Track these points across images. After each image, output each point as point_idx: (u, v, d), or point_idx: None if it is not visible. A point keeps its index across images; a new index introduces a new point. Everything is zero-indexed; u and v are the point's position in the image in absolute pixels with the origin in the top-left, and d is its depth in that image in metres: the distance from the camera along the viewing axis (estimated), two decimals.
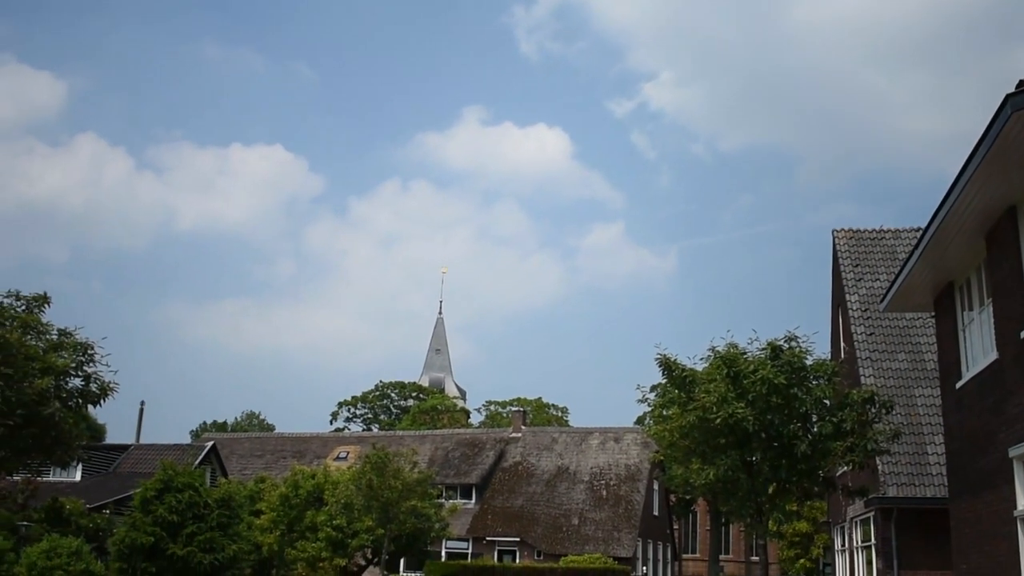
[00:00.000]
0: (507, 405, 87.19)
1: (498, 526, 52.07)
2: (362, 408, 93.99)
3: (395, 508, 27.81)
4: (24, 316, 14.16)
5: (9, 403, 13.02)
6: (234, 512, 29.14)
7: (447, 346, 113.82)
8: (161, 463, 29.67)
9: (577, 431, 60.00)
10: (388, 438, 55.50)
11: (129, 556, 27.45)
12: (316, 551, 30.06)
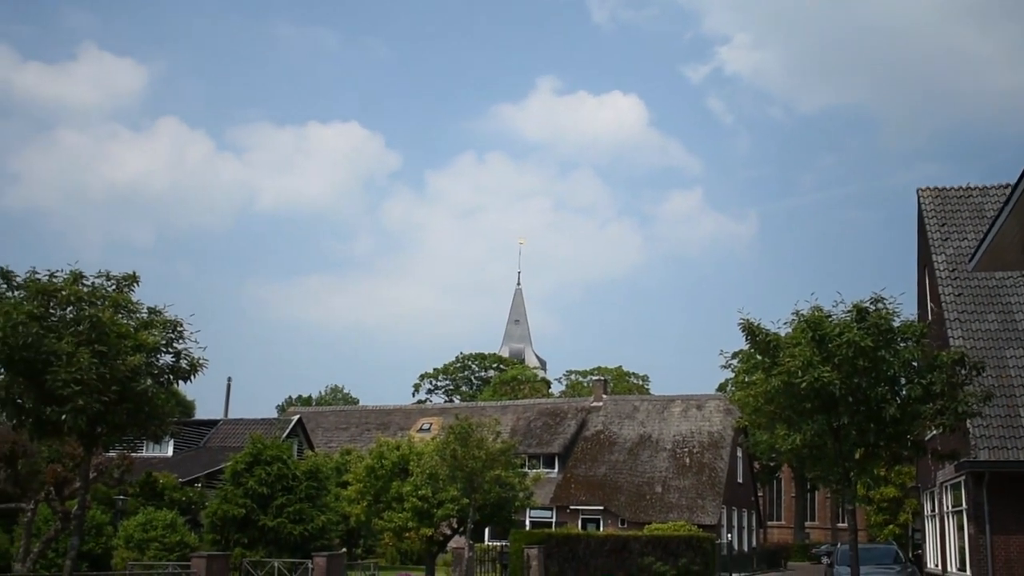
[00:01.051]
0: (587, 374, 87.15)
1: (581, 495, 52.19)
2: (443, 380, 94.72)
3: (479, 478, 27.99)
4: (115, 295, 14.44)
5: (104, 380, 13.32)
6: (322, 484, 29.69)
7: (526, 317, 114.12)
8: (250, 437, 30.35)
9: (659, 399, 59.75)
10: (470, 409, 55.87)
11: (222, 527, 28.17)
12: (402, 521, 30.43)
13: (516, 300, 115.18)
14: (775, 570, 56.36)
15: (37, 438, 15.86)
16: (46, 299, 13.86)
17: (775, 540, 72.74)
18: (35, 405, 13.78)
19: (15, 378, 13.76)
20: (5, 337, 13.08)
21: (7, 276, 14.02)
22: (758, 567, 54.69)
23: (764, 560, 57.33)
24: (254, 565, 27.26)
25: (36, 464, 26.64)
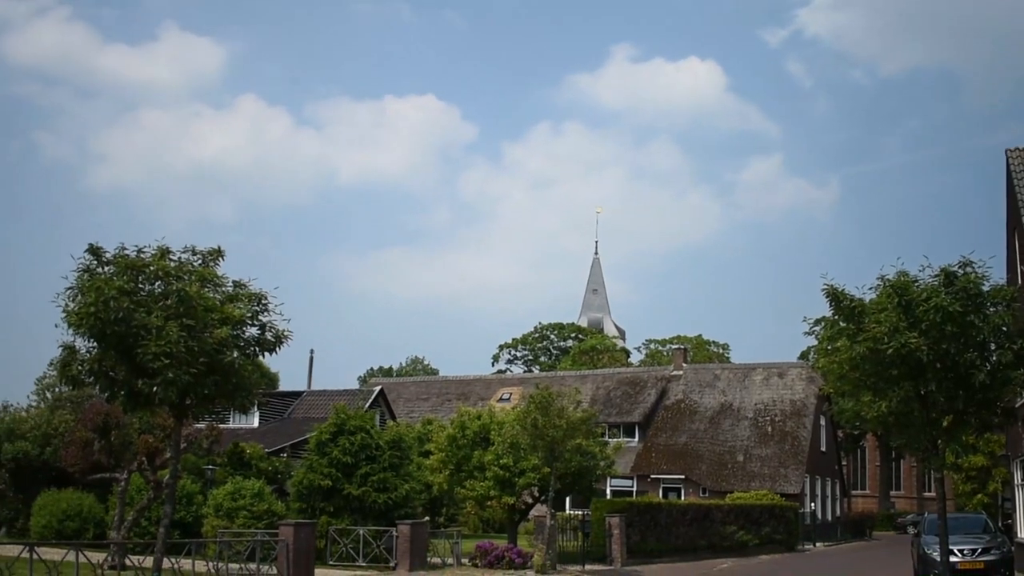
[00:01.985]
0: (667, 343, 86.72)
1: (662, 464, 52.10)
2: (522, 350, 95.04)
3: (560, 447, 28.07)
4: (201, 270, 14.73)
5: (192, 352, 13.62)
6: (404, 453, 30.04)
7: (604, 286, 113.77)
8: (333, 407, 30.80)
9: (740, 367, 59.27)
10: (549, 379, 55.93)
11: (308, 496, 28.68)
12: (484, 490, 30.67)
13: (594, 270, 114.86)
14: (860, 540, 55.72)
15: (129, 410, 16.29)
16: (135, 274, 14.17)
17: (859, 510, 71.87)
18: (127, 378, 14.16)
19: (107, 352, 14.12)
20: (97, 312, 13.43)
21: (97, 253, 14.35)
22: (842, 537, 54.14)
23: (849, 530, 56.76)
24: (340, 533, 27.74)
25: (128, 435, 27.41)
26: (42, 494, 31.04)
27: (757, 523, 40.83)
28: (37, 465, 32.97)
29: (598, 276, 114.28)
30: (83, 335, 14.11)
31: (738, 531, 39.34)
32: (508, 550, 29.70)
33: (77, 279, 14.15)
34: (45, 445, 33.08)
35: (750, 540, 39.67)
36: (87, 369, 14.45)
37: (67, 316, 13.97)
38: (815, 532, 48.37)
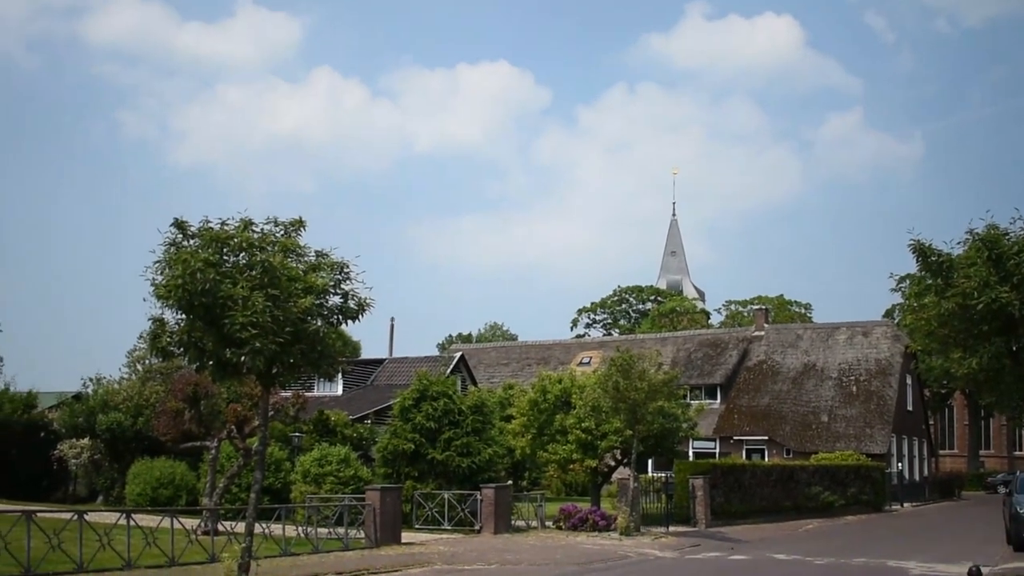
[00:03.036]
0: (747, 304, 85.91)
1: (745, 425, 51.79)
2: (601, 314, 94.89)
3: (642, 409, 28.04)
4: (283, 240, 14.89)
5: (278, 322, 13.81)
6: (487, 418, 30.26)
7: (683, 248, 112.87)
8: (416, 374, 31.12)
9: (822, 327, 58.50)
10: (629, 342, 55.82)
11: (392, 461, 29.09)
12: (567, 453, 30.79)
13: (671, 231, 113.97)
14: (948, 499, 54.88)
15: (218, 379, 16.61)
16: (220, 246, 14.37)
17: (948, 469, 70.65)
18: (215, 348, 14.40)
19: (195, 323, 14.37)
20: (184, 284, 13.67)
21: (182, 226, 14.59)
22: (930, 497, 53.40)
23: (937, 489, 55.93)
24: (425, 497, 28.10)
25: (217, 405, 27.99)
26: (136, 463, 31.89)
27: (843, 484, 40.42)
28: (130, 435, 33.85)
29: (676, 238, 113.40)
30: (171, 307, 14.37)
31: (823, 492, 38.99)
32: (592, 513, 29.84)
33: (164, 253, 14.40)
34: (137, 416, 33.93)
35: (836, 501, 39.30)
36: (176, 340, 14.72)
37: (155, 289, 14.23)
38: (902, 492, 47.76)
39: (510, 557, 21.54)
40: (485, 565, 20.02)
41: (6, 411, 36.00)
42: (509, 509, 28.96)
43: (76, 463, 34.87)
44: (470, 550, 22.78)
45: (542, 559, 21.49)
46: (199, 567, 17.35)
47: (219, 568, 15.11)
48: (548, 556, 22.14)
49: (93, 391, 37.77)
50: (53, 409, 39.20)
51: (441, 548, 23.09)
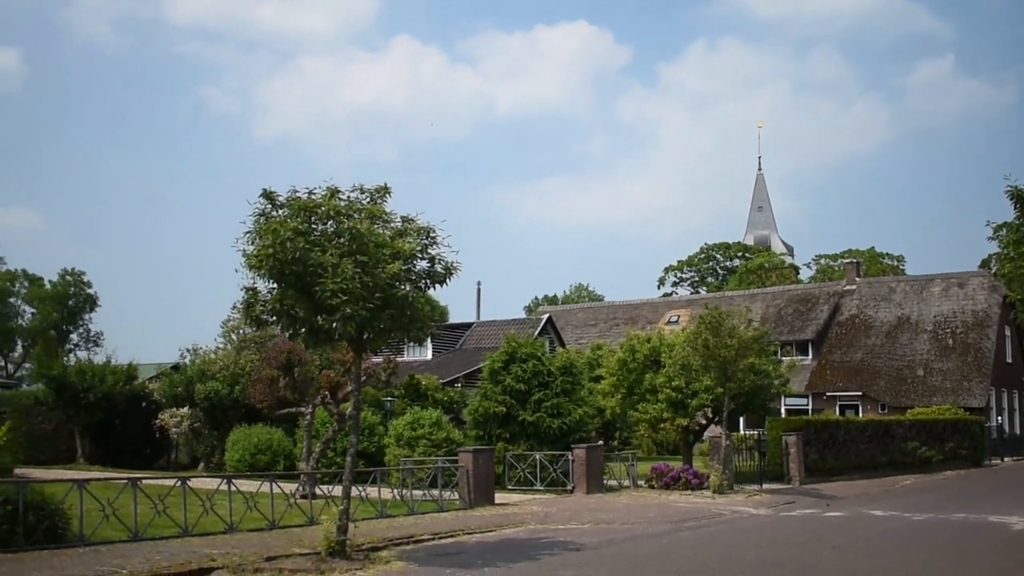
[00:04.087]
0: (838, 258, 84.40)
1: (838, 381, 51.09)
2: (688, 272, 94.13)
3: (733, 366, 27.80)
4: (370, 207, 15.02)
5: (367, 288, 13.97)
6: (576, 378, 30.30)
7: (769, 203, 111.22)
8: (504, 336, 31.25)
9: (916, 279, 57.26)
10: (718, 299, 55.29)
11: (483, 423, 29.33)
12: (657, 412, 30.70)
13: (758, 186, 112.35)
14: None
15: (311, 346, 16.89)
16: (308, 215, 14.55)
17: None
18: (307, 315, 14.64)
19: (287, 291, 14.61)
20: (275, 253, 13.89)
21: (271, 197, 14.80)
22: None
23: None
24: (517, 458, 28.29)
25: (310, 371, 28.47)
26: (234, 430, 32.63)
27: (940, 438, 39.66)
28: (228, 403, 34.63)
29: (762, 193, 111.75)
30: (263, 277, 14.62)
31: (920, 447, 38.33)
32: (684, 471, 29.76)
33: (254, 224, 14.63)
34: (234, 384, 34.68)
35: (933, 456, 38.61)
36: (269, 309, 14.99)
37: (247, 259, 14.48)
38: (1002, 447, 46.72)
39: (603, 516, 21.61)
40: (579, 524, 20.11)
41: (108, 383, 37.07)
42: (601, 469, 29.02)
43: (177, 431, 35.81)
44: (563, 510, 22.90)
45: (635, 518, 21.52)
46: (299, 529, 17.72)
47: (318, 530, 15.42)
48: (641, 515, 22.15)
49: (190, 361, 38.70)
50: (153, 380, 40.29)
51: (534, 508, 23.26)
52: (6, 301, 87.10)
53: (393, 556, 15.14)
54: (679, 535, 18.80)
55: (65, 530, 15.14)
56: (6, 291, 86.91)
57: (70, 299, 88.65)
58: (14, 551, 13.91)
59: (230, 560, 13.88)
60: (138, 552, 14.45)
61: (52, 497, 15.25)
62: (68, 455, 37.47)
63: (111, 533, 15.71)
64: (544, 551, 15.88)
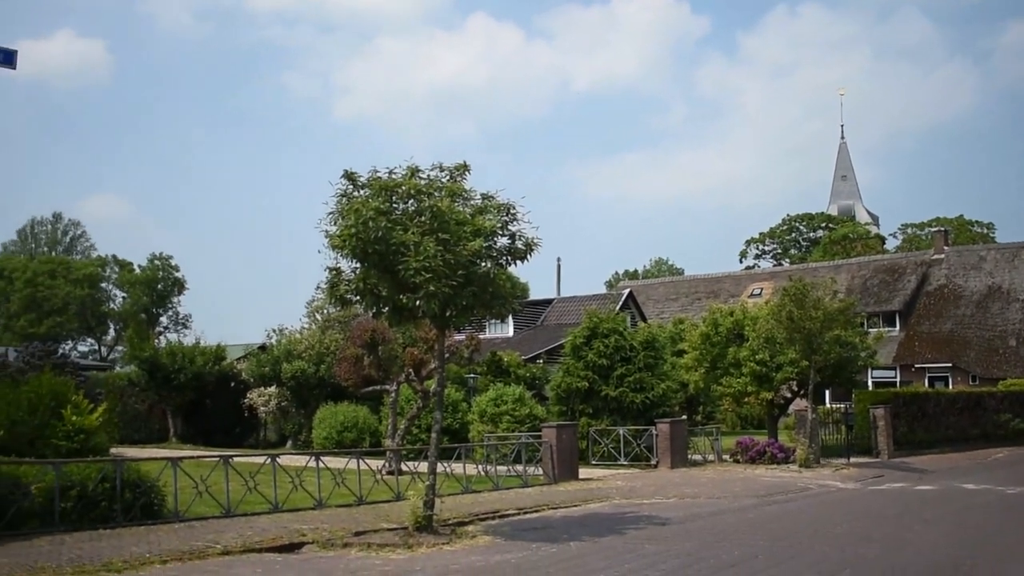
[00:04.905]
0: (925, 227, 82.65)
1: (926, 352, 50.12)
2: (770, 244, 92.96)
3: (818, 339, 27.44)
4: (450, 185, 15.09)
5: (450, 265, 14.06)
6: (658, 353, 30.18)
7: (853, 172, 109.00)
8: (586, 312, 31.25)
9: (1007, 247, 55.81)
10: (801, 271, 54.60)
11: (566, 399, 29.40)
12: (741, 386, 30.43)
13: (841, 155, 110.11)
14: None
15: (395, 324, 17.05)
16: (389, 195, 14.66)
17: None
18: (390, 294, 14.79)
19: (370, 271, 14.76)
20: (358, 233, 14.03)
21: (352, 177, 14.93)
22: None
23: None
24: (600, 433, 28.31)
25: (394, 349, 28.76)
26: (321, 408, 33.16)
27: None
28: (314, 382, 35.17)
29: (846, 162, 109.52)
30: (346, 256, 14.78)
31: (1014, 419, 37.51)
32: (769, 445, 29.51)
33: (336, 204, 14.80)
34: (319, 363, 35.19)
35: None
36: (353, 288, 15.15)
37: (330, 240, 14.65)
38: None
39: (688, 491, 21.54)
40: (663, 499, 20.08)
41: (198, 364, 37.89)
42: (685, 443, 28.92)
43: (265, 410, 36.49)
44: (647, 484, 22.88)
45: (721, 492, 21.41)
46: (386, 505, 17.96)
47: (405, 506, 15.62)
48: (727, 489, 22.03)
49: (277, 342, 39.35)
50: (240, 360, 41.07)
51: (618, 483, 23.27)
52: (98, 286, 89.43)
53: (479, 531, 15.28)
54: (765, 509, 18.66)
55: (161, 506, 15.55)
56: (98, 277, 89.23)
57: (159, 283, 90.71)
58: (113, 527, 14.32)
59: (320, 535, 14.13)
60: (231, 528, 14.78)
61: (148, 475, 15.67)
62: (161, 434, 38.46)
63: (204, 509, 16.09)
64: (629, 525, 15.89)
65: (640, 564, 12.03)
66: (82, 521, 14.22)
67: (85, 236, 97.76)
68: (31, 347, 36.59)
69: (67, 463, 15.09)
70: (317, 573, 11.48)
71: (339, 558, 12.72)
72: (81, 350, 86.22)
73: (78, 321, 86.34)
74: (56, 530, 13.76)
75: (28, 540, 13.10)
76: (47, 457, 17.28)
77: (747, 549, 13.19)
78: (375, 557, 12.82)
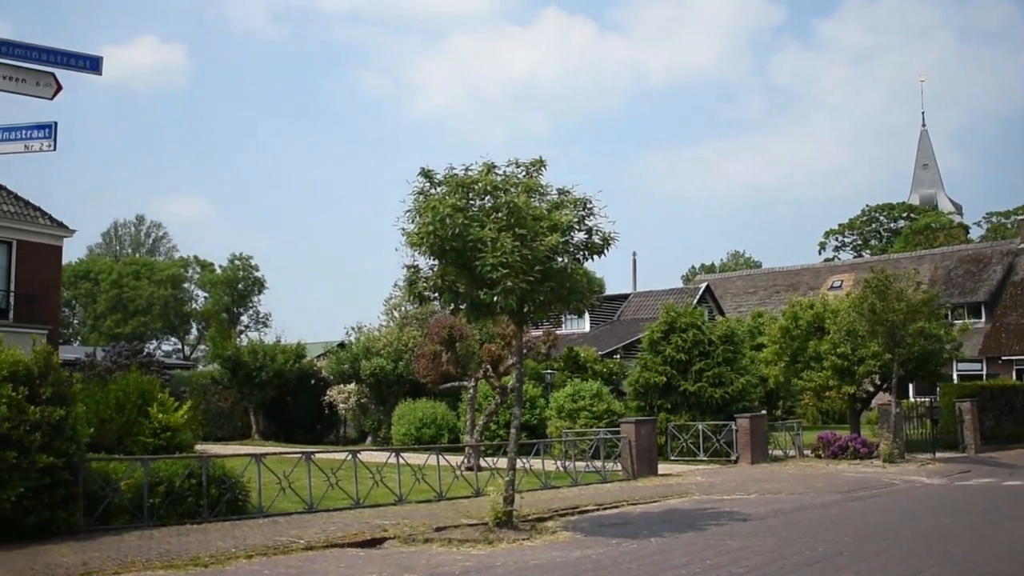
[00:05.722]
0: (1011, 215, 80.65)
1: (1014, 344, 48.92)
2: (850, 235, 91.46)
3: (901, 331, 26.95)
4: (526, 181, 15.10)
5: (527, 261, 14.06)
6: (737, 347, 29.90)
7: (935, 159, 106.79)
8: (663, 306, 31.07)
9: None
10: (883, 262, 53.63)
11: (644, 394, 29.26)
12: (822, 380, 30.00)
13: (922, 143, 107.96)
14: None
15: (473, 320, 17.10)
16: (465, 191, 14.71)
17: None
18: (468, 290, 14.85)
19: (448, 267, 14.83)
20: (435, 230, 14.10)
21: (428, 175, 15.02)
22: None
23: None
24: (679, 429, 28.13)
25: (471, 346, 28.87)
26: (399, 404, 33.43)
27: None
28: (392, 379, 35.47)
29: (927, 149, 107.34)
30: (423, 254, 14.88)
31: None
32: (852, 440, 29.06)
33: (413, 202, 14.89)
34: (398, 360, 35.48)
35: None
36: (431, 285, 15.25)
37: (408, 237, 14.75)
38: None
39: (769, 487, 21.29)
40: (744, 495, 19.87)
41: (279, 362, 38.45)
42: (765, 439, 28.60)
43: (344, 407, 36.91)
44: (728, 480, 22.67)
45: (803, 488, 21.13)
46: (466, 501, 18.04)
47: (485, 501, 15.67)
48: (809, 485, 21.74)
49: (355, 339, 39.77)
50: (320, 358, 41.60)
51: (698, 479, 23.08)
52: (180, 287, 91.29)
53: (559, 526, 15.27)
54: (849, 505, 18.37)
55: (245, 502, 15.81)
56: (180, 277, 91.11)
57: (239, 282, 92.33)
58: (199, 522, 14.60)
59: (401, 530, 14.24)
60: (313, 523, 14.96)
61: (232, 471, 15.93)
62: (243, 431, 39.14)
63: (287, 505, 16.32)
64: (710, 521, 15.76)
65: (722, 560, 11.92)
66: (169, 516, 14.52)
67: (167, 237, 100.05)
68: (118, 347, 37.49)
69: (155, 460, 15.42)
70: (399, 568, 11.56)
71: (420, 553, 12.80)
72: (165, 349, 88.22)
73: (162, 321, 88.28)
74: (144, 525, 14.06)
75: (118, 535, 13.40)
76: (134, 454, 17.67)
77: (831, 546, 13.00)
78: (456, 552, 12.88)
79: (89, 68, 10.32)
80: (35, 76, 10.03)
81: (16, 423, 12.47)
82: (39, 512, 12.69)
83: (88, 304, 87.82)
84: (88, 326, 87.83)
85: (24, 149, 9.88)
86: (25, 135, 9.86)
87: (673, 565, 11.63)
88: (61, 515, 13.06)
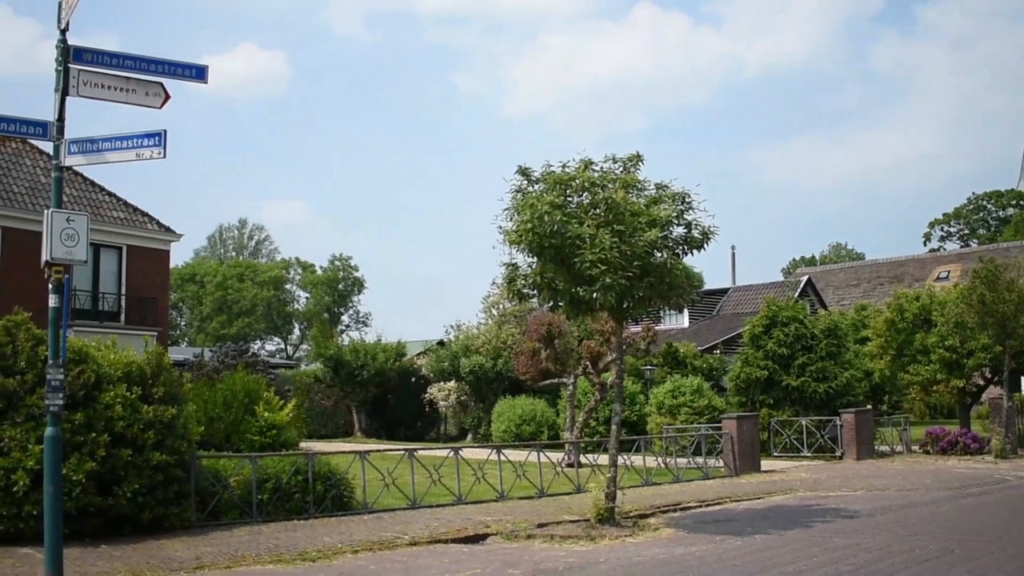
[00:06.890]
0: None
1: None
2: (956, 225, 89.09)
3: (1013, 322, 26.18)
4: (623, 176, 15.05)
5: (625, 257, 14.01)
6: (841, 341, 29.36)
7: None
8: (764, 300, 30.68)
9: None
10: (992, 251, 52.03)
11: (746, 389, 28.92)
12: (930, 374, 29.31)
13: None
14: None
15: (572, 317, 17.09)
16: (563, 188, 14.72)
17: None
18: (567, 287, 14.86)
19: (546, 264, 14.87)
20: (534, 227, 14.13)
21: (526, 173, 15.06)
22: None
23: None
24: (782, 424, 27.74)
25: (570, 342, 28.90)
26: (499, 402, 33.63)
27: None
28: (491, 376, 35.69)
29: None
30: (522, 251, 14.93)
31: None
32: (961, 435, 28.34)
33: (511, 200, 14.95)
34: (497, 357, 35.69)
35: None
36: (530, 282, 15.30)
37: (506, 235, 14.82)
38: None
39: (876, 483, 20.88)
40: (850, 491, 19.52)
41: (380, 361, 38.98)
42: (871, 434, 28.05)
43: (445, 405, 37.26)
44: (833, 476, 22.30)
45: (911, 484, 20.66)
46: (567, 497, 18.07)
47: (586, 498, 15.68)
48: (917, 481, 21.25)
49: (455, 337, 40.11)
50: (420, 356, 42.06)
51: (802, 475, 22.75)
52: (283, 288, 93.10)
53: (661, 523, 15.19)
54: (959, 502, 17.91)
55: (350, 498, 16.06)
56: (282, 278, 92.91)
57: (339, 283, 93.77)
58: (306, 518, 14.88)
59: (503, 526, 14.32)
60: (417, 519, 15.14)
61: (337, 468, 16.19)
62: (346, 429, 39.77)
63: (391, 501, 16.54)
64: (816, 518, 15.52)
65: (829, 558, 11.74)
66: (277, 512, 14.83)
67: (269, 240, 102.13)
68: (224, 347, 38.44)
69: (263, 457, 15.76)
70: (503, 564, 11.63)
71: (523, 549, 12.86)
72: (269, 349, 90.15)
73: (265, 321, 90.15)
74: (253, 521, 14.39)
75: (228, 530, 13.74)
76: (242, 451, 18.10)
77: (941, 543, 12.69)
78: (559, 548, 12.90)
79: (195, 77, 10.55)
80: (144, 86, 10.30)
81: (130, 422, 12.85)
82: (153, 508, 13.05)
83: (195, 306, 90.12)
84: (195, 327, 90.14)
85: (136, 157, 10.15)
86: (136, 143, 10.13)
87: (779, 563, 11.49)
88: (174, 511, 13.41)
